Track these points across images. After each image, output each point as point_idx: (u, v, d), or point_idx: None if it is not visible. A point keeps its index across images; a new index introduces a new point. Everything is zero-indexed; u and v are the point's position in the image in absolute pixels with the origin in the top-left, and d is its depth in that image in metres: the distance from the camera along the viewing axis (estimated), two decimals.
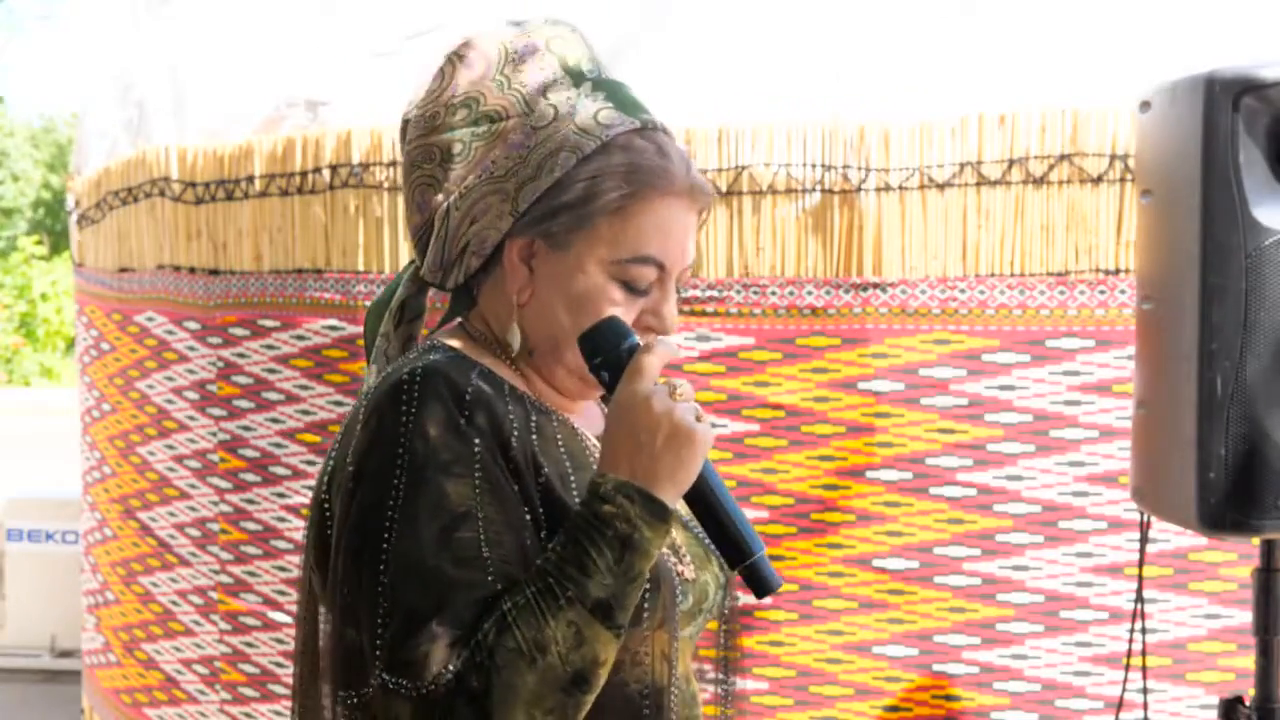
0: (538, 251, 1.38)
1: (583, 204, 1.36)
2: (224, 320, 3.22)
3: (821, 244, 2.75)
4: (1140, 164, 2.06)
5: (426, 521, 1.25)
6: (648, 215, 1.37)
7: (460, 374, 1.32)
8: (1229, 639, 2.69)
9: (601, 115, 1.38)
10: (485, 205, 1.38)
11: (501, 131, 1.38)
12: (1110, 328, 2.69)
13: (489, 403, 1.31)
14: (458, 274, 1.42)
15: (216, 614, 3.28)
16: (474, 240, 1.39)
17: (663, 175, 1.38)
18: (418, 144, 1.41)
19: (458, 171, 1.39)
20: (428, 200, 1.41)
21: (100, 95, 3.93)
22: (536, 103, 1.38)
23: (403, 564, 1.24)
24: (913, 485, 2.71)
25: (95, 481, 3.88)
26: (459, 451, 1.27)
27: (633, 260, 1.37)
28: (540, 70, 1.40)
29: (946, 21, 2.85)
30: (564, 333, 1.38)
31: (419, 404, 1.28)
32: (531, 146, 1.37)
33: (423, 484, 1.26)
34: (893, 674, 2.72)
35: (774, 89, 2.81)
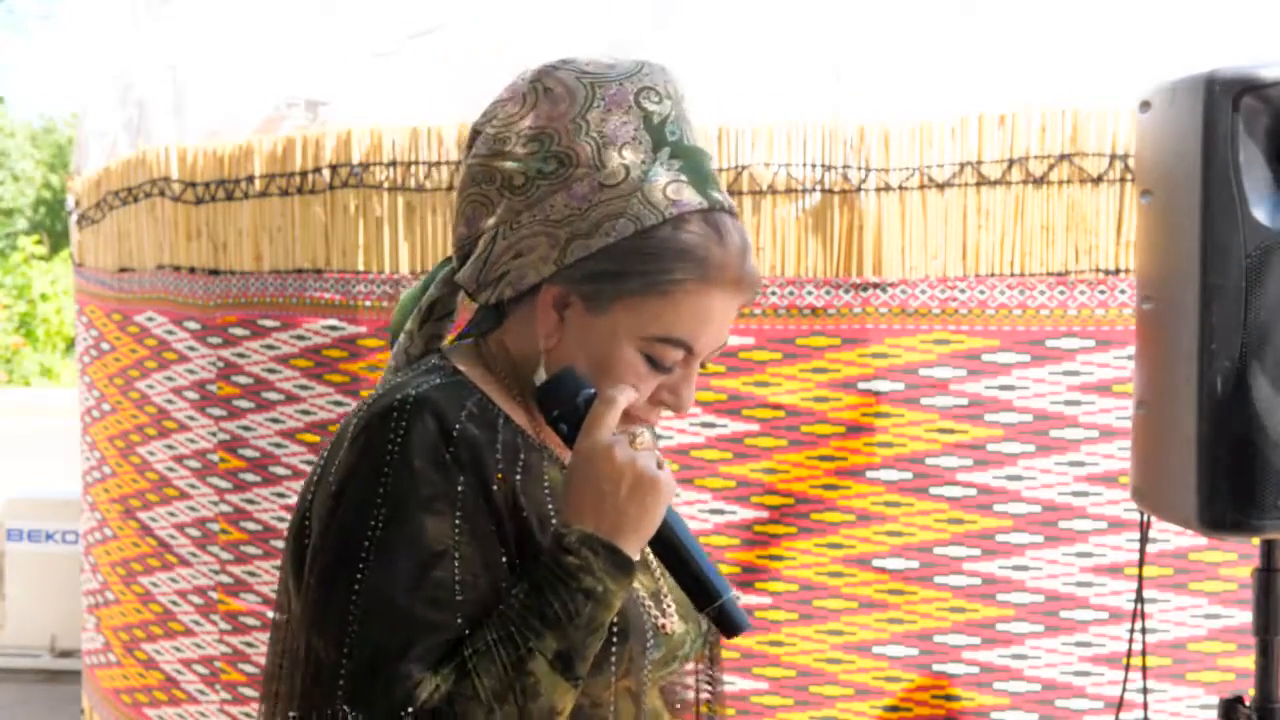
0: (572, 304, 1.35)
1: (628, 277, 1.33)
2: (224, 320, 3.22)
3: (821, 244, 2.75)
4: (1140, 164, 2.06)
5: (403, 556, 1.24)
6: (691, 302, 1.34)
7: (452, 406, 1.30)
8: (1229, 639, 2.69)
9: (670, 189, 1.34)
10: (533, 244, 1.35)
11: (568, 177, 1.34)
12: (1110, 328, 2.69)
13: (474, 440, 1.29)
14: (490, 295, 1.39)
15: (216, 614, 3.28)
16: (513, 273, 1.36)
17: (717, 267, 1.34)
18: (482, 162, 1.38)
19: (514, 203, 1.35)
20: (477, 218, 1.39)
21: (100, 95, 3.93)
22: (610, 158, 1.34)
23: (374, 597, 1.24)
24: (913, 485, 2.71)
25: (95, 481, 3.88)
26: (441, 487, 1.26)
27: (664, 340, 1.34)
28: (623, 124, 1.35)
29: (946, 21, 2.85)
30: None
31: (406, 433, 1.27)
32: (594, 202, 1.33)
33: (403, 517, 1.25)
34: (893, 674, 2.72)
35: (774, 89, 2.81)
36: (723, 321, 1.37)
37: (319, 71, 3.21)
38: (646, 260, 1.32)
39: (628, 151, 1.34)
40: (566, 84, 1.35)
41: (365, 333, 3.00)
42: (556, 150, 1.34)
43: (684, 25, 2.93)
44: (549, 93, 1.35)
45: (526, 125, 1.35)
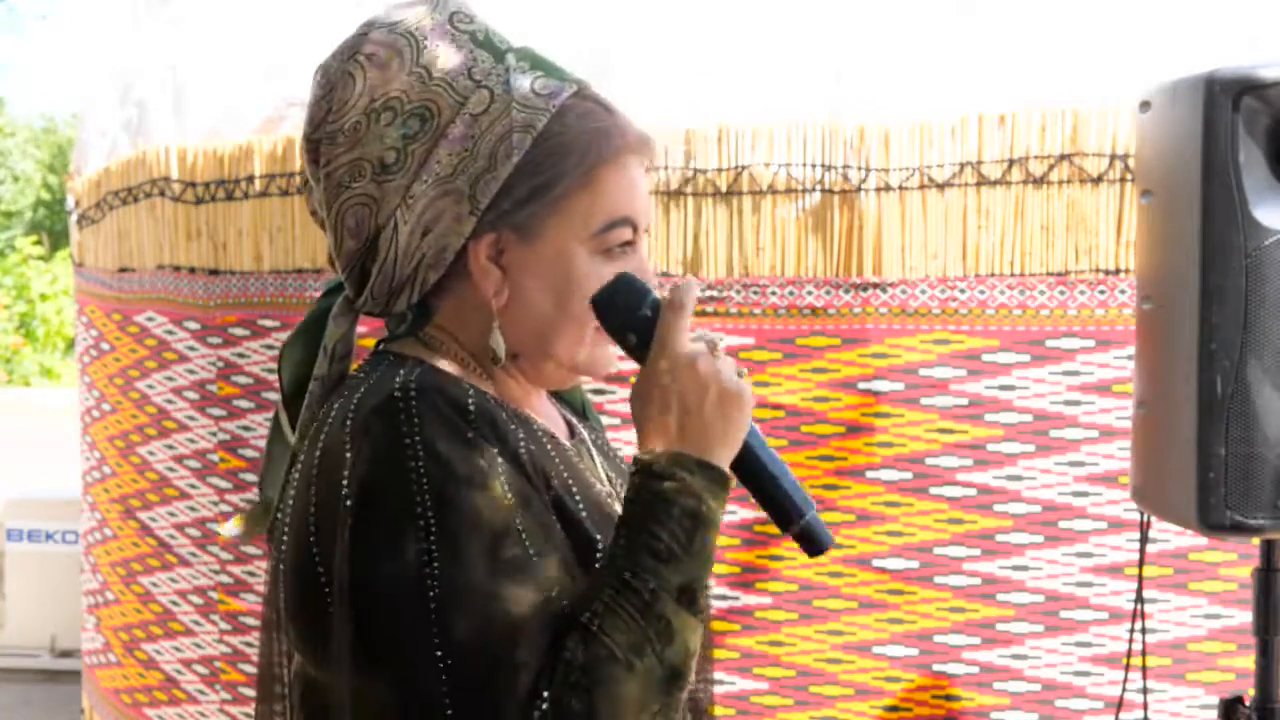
0: (507, 246, 1.27)
1: (551, 185, 1.26)
2: (224, 320, 3.22)
3: (821, 244, 2.75)
4: (1140, 164, 2.06)
5: (468, 544, 1.13)
6: (615, 177, 1.28)
7: (455, 386, 1.22)
8: (1229, 639, 2.69)
9: (538, 85, 1.27)
10: (437, 211, 1.25)
11: (438, 128, 1.25)
12: (1110, 328, 2.69)
13: (492, 414, 1.21)
14: (409, 295, 1.29)
15: (216, 614, 3.28)
16: (430, 252, 1.26)
17: (619, 133, 1.29)
18: (342, 162, 1.26)
19: (397, 182, 1.25)
20: (363, 222, 1.27)
21: (100, 95, 3.93)
22: (467, 88, 1.26)
23: (456, 598, 1.12)
24: (913, 485, 2.71)
25: (95, 481, 3.88)
26: (475, 464, 1.16)
27: (609, 226, 1.28)
28: (457, 52, 1.27)
29: (946, 21, 2.85)
30: (552, 325, 1.29)
31: (420, 421, 1.17)
32: (477, 136, 1.24)
33: (450, 504, 1.14)
34: (893, 674, 2.72)
35: (774, 89, 2.81)
36: (644, 185, 1.32)
37: None
38: (559, 159, 1.25)
39: (477, 73, 1.26)
40: (384, 43, 1.27)
41: (365, 333, 3.00)
42: (411, 108, 1.25)
43: (683, 25, 2.93)
44: (372, 59, 1.27)
45: (368, 102, 1.26)
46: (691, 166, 2.76)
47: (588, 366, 1.32)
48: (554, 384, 1.36)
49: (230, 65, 3.40)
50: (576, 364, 1.31)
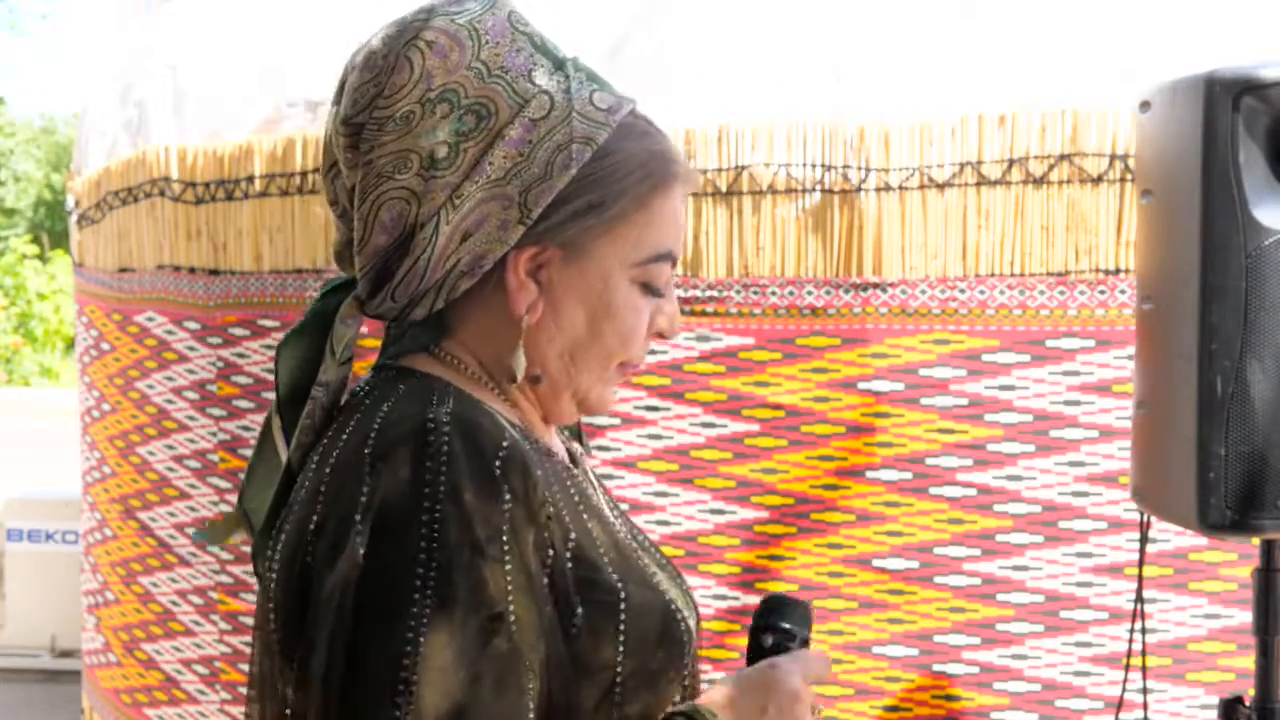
0: (549, 262, 1.21)
1: (607, 202, 1.20)
2: (224, 320, 3.22)
3: (821, 244, 2.75)
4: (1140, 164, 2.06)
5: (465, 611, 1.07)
6: (667, 204, 1.24)
7: (491, 422, 1.15)
8: (1229, 639, 2.69)
9: (597, 99, 1.21)
10: (482, 215, 1.18)
11: (495, 128, 1.17)
12: (1110, 328, 2.69)
13: (525, 461, 1.14)
14: (433, 301, 1.22)
15: (216, 614, 3.28)
16: (467, 258, 1.19)
17: (674, 158, 1.24)
18: (389, 151, 1.18)
19: (446, 180, 1.17)
20: (400, 217, 1.19)
21: (100, 95, 3.93)
22: (528, 90, 1.19)
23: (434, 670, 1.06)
24: (913, 485, 2.71)
25: (95, 481, 3.88)
26: (495, 525, 1.09)
27: (655, 259, 1.23)
28: (517, 53, 1.20)
29: (946, 22, 2.85)
30: (582, 351, 1.23)
31: (449, 459, 1.10)
32: (535, 142, 1.18)
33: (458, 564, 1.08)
34: (893, 674, 2.72)
35: (774, 89, 2.81)
36: (683, 219, 1.28)
37: (319, 71, 3.21)
38: (618, 177, 1.20)
39: (539, 78, 1.19)
40: (446, 31, 1.19)
41: (365, 333, 3.00)
42: (469, 104, 1.17)
43: (683, 25, 2.93)
44: (433, 46, 1.18)
45: (424, 90, 1.17)
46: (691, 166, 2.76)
47: (597, 403, 1.28)
48: (561, 419, 1.30)
49: (230, 65, 3.40)
50: (588, 398, 1.27)
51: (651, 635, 1.19)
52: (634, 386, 2.75)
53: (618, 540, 1.24)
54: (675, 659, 1.21)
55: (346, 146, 1.21)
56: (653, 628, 1.19)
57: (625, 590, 1.18)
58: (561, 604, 1.14)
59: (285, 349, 1.28)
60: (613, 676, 1.16)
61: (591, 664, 1.16)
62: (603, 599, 1.16)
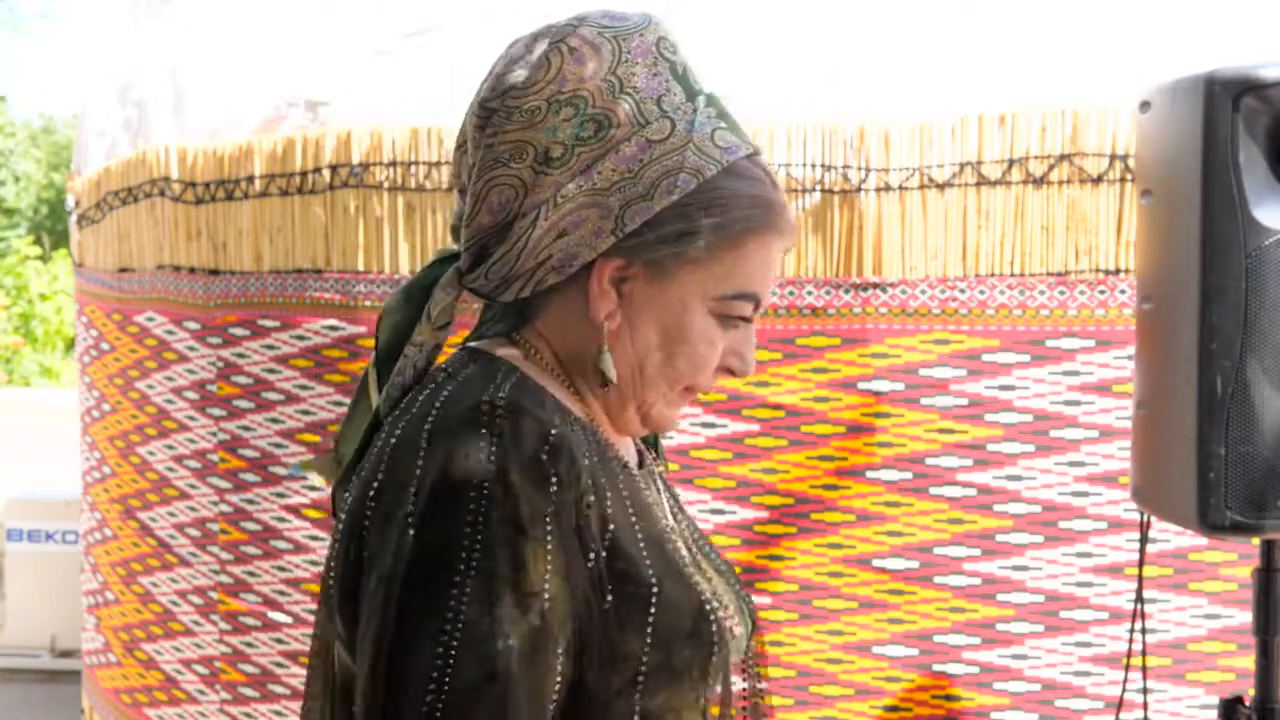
0: (633, 277, 1.26)
1: (697, 235, 1.25)
2: (224, 320, 3.22)
3: (821, 244, 2.75)
4: (1140, 164, 2.06)
5: (503, 586, 1.13)
6: (760, 251, 1.29)
7: (542, 409, 1.21)
8: (1229, 639, 2.69)
9: (718, 137, 1.28)
10: (580, 218, 1.24)
11: (611, 140, 1.24)
12: (1110, 328, 2.69)
13: (571, 449, 1.19)
14: (521, 288, 1.28)
15: (216, 614, 3.28)
16: (558, 256, 1.25)
17: (778, 210, 1.30)
18: (510, 139, 1.25)
19: (554, 177, 1.24)
20: (506, 203, 1.26)
21: (100, 95, 3.93)
22: (651, 113, 1.25)
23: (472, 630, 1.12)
24: (913, 485, 2.71)
25: (95, 481, 3.88)
26: (538, 507, 1.15)
27: (737, 297, 1.28)
28: (654, 76, 1.26)
29: (946, 21, 2.85)
30: (652, 368, 1.29)
31: (500, 441, 1.16)
32: (645, 162, 1.24)
33: (501, 541, 1.14)
34: (893, 674, 2.72)
35: (774, 89, 2.81)
36: (776, 268, 1.33)
37: (319, 71, 3.21)
38: (715, 212, 1.25)
39: (666, 104, 1.26)
40: (590, 41, 1.25)
41: (365, 333, 3.00)
42: (593, 113, 1.24)
43: (683, 25, 2.93)
44: (574, 52, 1.25)
45: (555, 90, 1.24)
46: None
47: (659, 420, 1.33)
48: (623, 430, 1.35)
49: (230, 65, 3.40)
50: (650, 413, 1.32)
51: (680, 632, 1.22)
52: None
53: (661, 538, 1.27)
54: (702, 658, 1.24)
55: (475, 127, 1.28)
56: (681, 625, 1.22)
57: (659, 585, 1.22)
58: (596, 590, 1.19)
59: (388, 311, 1.34)
60: (637, 667, 1.20)
61: (618, 652, 1.19)
62: (635, 590, 1.20)
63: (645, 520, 1.26)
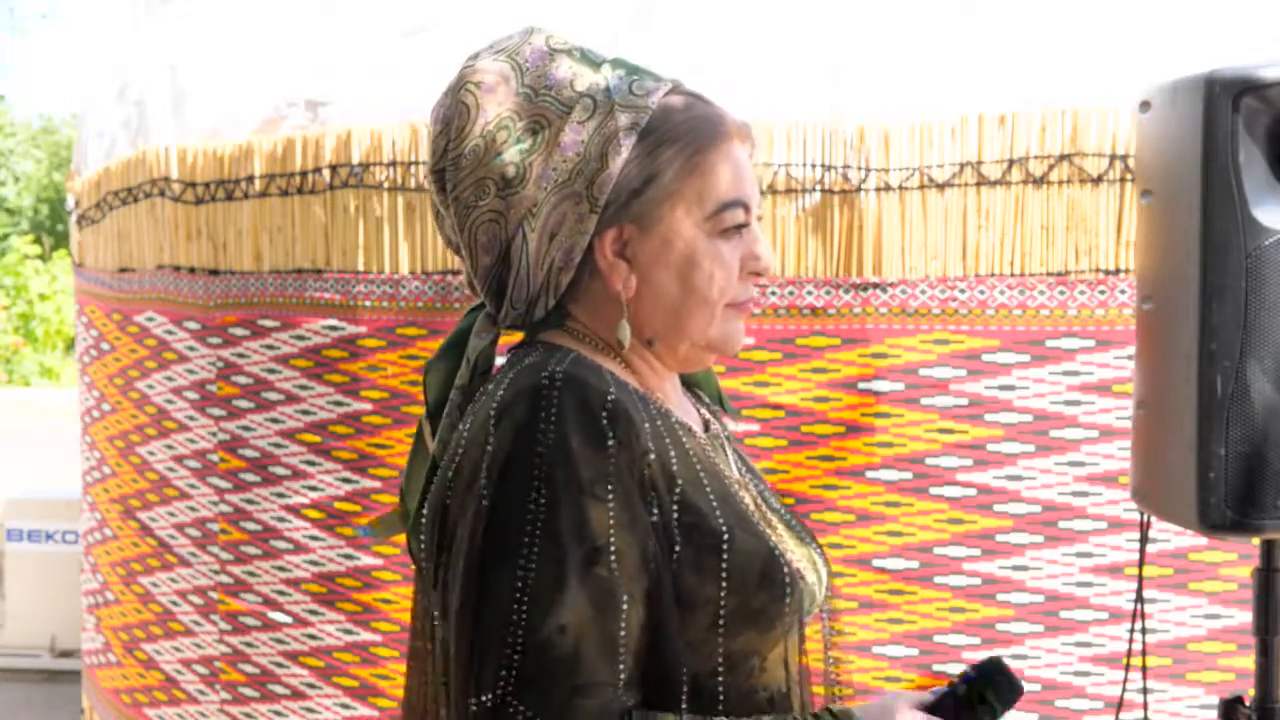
0: (630, 238, 1.38)
1: (661, 173, 1.36)
2: (224, 320, 3.22)
3: (821, 244, 2.75)
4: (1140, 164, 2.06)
5: (569, 543, 1.23)
6: (721, 161, 1.39)
7: (599, 380, 1.30)
8: (1229, 639, 2.69)
9: (635, 87, 1.39)
10: (560, 215, 1.36)
11: (550, 139, 1.36)
12: (1110, 328, 2.69)
13: (629, 413, 1.29)
14: (547, 300, 1.40)
15: (216, 614, 3.28)
16: (559, 255, 1.38)
17: (719, 120, 1.41)
18: (468, 183, 1.38)
19: (521, 194, 1.36)
20: (495, 236, 1.38)
21: (100, 95, 3.93)
22: (571, 99, 1.37)
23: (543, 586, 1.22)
24: (913, 485, 2.71)
25: (95, 481, 3.88)
26: (599, 469, 1.25)
27: (721, 208, 1.38)
28: (558, 69, 1.39)
29: (946, 21, 2.85)
30: (683, 306, 1.39)
31: (559, 412, 1.26)
32: (586, 140, 1.36)
33: (565, 501, 1.24)
34: (893, 674, 2.72)
35: (774, 89, 2.81)
36: (749, 168, 1.43)
37: (319, 71, 3.21)
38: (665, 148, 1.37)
39: (579, 85, 1.38)
40: (492, 70, 1.38)
41: (365, 333, 3.00)
42: (524, 125, 1.37)
43: (683, 25, 2.93)
44: (481, 86, 1.37)
45: (484, 124, 1.37)
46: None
47: (721, 343, 1.42)
48: (691, 365, 1.45)
49: (230, 65, 3.40)
50: (711, 341, 1.41)
51: (753, 577, 1.31)
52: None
53: (728, 494, 1.36)
54: (776, 600, 1.32)
55: (437, 192, 1.42)
56: (754, 570, 1.31)
57: (730, 534, 1.31)
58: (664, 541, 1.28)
59: (432, 366, 1.47)
60: (716, 610, 1.29)
61: (696, 597, 1.29)
62: (706, 541, 1.30)
63: (712, 477, 1.36)
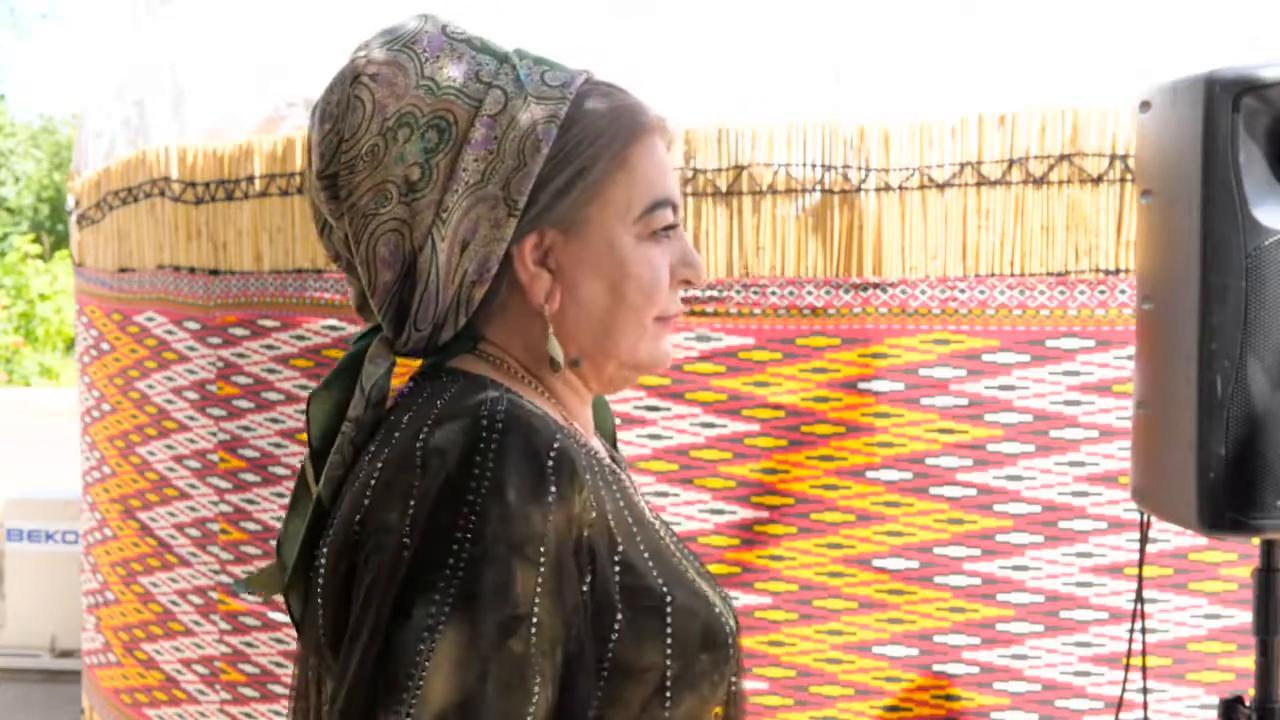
0: (552, 245, 1.23)
1: (587, 169, 1.22)
2: (224, 320, 3.22)
3: (821, 244, 2.75)
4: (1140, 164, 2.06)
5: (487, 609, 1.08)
6: (647, 156, 1.25)
7: (543, 423, 1.15)
8: (1229, 639, 2.69)
9: (548, 78, 1.23)
10: (473, 221, 1.20)
11: (459, 136, 1.20)
12: (1110, 328, 2.69)
13: (574, 463, 1.14)
14: (457, 319, 1.23)
15: (216, 614, 3.28)
16: (473, 266, 1.21)
17: (641, 111, 1.26)
18: (365, 188, 1.20)
19: (428, 198, 1.19)
20: (397, 248, 1.21)
21: (100, 95, 3.93)
22: (478, 91, 1.21)
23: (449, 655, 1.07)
24: (913, 485, 2.71)
25: (95, 481, 3.88)
26: (534, 528, 1.10)
27: (650, 208, 1.24)
28: (459, 61, 1.22)
29: (946, 21, 2.85)
30: (613, 319, 1.24)
31: (497, 458, 1.11)
32: (499, 136, 1.20)
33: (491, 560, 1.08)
34: (893, 674, 2.72)
35: (774, 89, 2.81)
36: (671, 165, 1.29)
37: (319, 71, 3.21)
38: (589, 143, 1.22)
39: (485, 76, 1.22)
40: (385, 61, 1.21)
41: None
42: (427, 120, 1.20)
43: (682, 24, 2.93)
44: (376, 79, 1.20)
45: (381, 122, 1.20)
46: (691, 166, 2.76)
47: (649, 362, 1.28)
48: (615, 387, 1.31)
49: (230, 65, 3.40)
50: (639, 360, 1.28)
51: (695, 639, 1.20)
52: (634, 386, 2.75)
53: (660, 547, 1.24)
54: (719, 661, 1.22)
55: (327, 199, 1.23)
56: (695, 631, 1.20)
57: (671, 595, 1.19)
58: (604, 609, 1.15)
59: (315, 401, 1.28)
60: (661, 677, 1.17)
61: (635, 666, 1.16)
62: (647, 604, 1.17)
63: (643, 529, 1.23)
